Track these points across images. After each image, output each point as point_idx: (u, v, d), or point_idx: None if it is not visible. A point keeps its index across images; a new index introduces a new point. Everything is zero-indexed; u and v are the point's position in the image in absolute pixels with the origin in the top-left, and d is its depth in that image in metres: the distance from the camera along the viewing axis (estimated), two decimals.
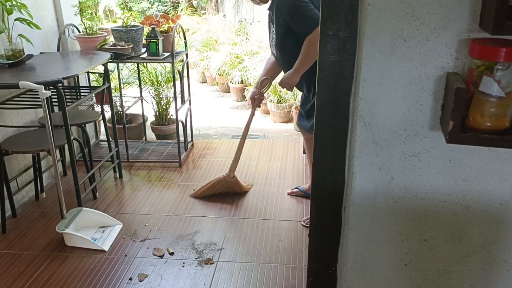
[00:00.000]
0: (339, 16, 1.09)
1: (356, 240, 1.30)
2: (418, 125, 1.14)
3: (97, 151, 3.62)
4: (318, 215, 1.32)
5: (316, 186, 1.29)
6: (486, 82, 0.98)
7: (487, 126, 1.00)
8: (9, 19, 2.62)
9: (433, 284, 1.32)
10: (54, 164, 2.40)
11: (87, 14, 3.42)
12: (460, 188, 1.19)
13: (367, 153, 1.19)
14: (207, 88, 6.12)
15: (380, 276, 1.33)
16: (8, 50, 2.63)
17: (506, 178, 1.15)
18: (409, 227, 1.26)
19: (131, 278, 2.20)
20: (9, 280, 2.18)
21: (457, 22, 1.03)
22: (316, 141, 1.23)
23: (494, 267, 1.26)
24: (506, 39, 0.97)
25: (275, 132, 4.14)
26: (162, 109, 4.05)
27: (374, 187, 1.23)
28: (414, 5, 1.04)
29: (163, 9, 8.14)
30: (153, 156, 3.57)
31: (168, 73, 4.18)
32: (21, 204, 2.86)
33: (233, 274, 2.23)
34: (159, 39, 3.17)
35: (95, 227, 2.58)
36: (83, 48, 3.28)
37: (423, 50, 1.07)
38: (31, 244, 2.47)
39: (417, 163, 1.18)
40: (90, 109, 3.37)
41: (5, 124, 2.69)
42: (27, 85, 2.19)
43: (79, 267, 2.27)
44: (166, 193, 3.03)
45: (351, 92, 1.16)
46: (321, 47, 1.13)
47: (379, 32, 1.07)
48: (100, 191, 3.04)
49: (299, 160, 3.49)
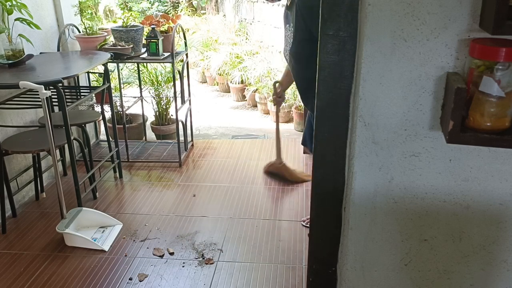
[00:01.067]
0: (339, 16, 1.09)
1: (356, 240, 1.30)
2: (418, 125, 1.14)
3: (97, 151, 3.62)
4: (318, 215, 1.32)
5: (316, 186, 1.29)
6: (486, 82, 0.98)
7: (487, 126, 1.00)
8: (9, 19, 2.62)
9: (433, 284, 1.32)
10: (54, 164, 2.40)
11: (87, 14, 3.42)
12: (460, 188, 1.19)
13: (367, 153, 1.19)
14: (207, 88, 6.12)
15: (380, 276, 1.33)
16: (8, 50, 2.63)
17: (506, 178, 1.15)
18: (409, 227, 1.26)
19: (131, 278, 2.20)
20: (9, 280, 2.18)
21: (457, 22, 1.03)
22: (316, 141, 1.23)
23: (494, 267, 1.26)
24: (506, 39, 0.97)
25: (275, 132, 4.13)
26: (162, 109, 4.05)
27: (374, 187, 1.23)
28: (414, 5, 1.04)
29: (163, 9, 8.13)
30: (153, 156, 3.57)
31: (168, 73, 4.18)
32: (21, 204, 2.86)
33: (233, 274, 2.23)
34: (159, 39, 3.17)
35: (95, 227, 2.58)
36: (83, 48, 3.28)
37: (423, 50, 1.07)
38: (31, 244, 2.47)
39: (417, 163, 1.18)
40: (90, 109, 3.38)
41: (5, 124, 2.69)
42: (27, 85, 2.19)
43: (79, 267, 2.27)
44: (166, 193, 3.03)
45: (351, 92, 1.16)
46: (321, 47, 1.13)
47: (379, 32, 1.07)
48: (100, 191, 3.04)
49: (299, 160, 3.49)
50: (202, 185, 3.08)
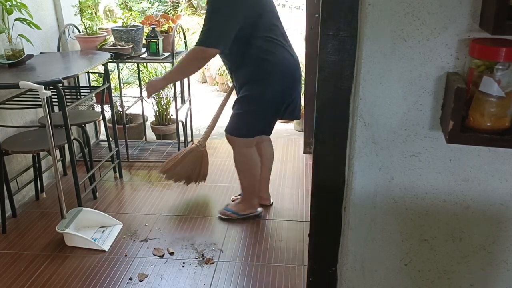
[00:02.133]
0: (339, 16, 1.10)
1: (356, 240, 1.30)
2: (418, 125, 1.14)
3: (97, 151, 3.62)
4: (318, 215, 1.32)
5: (316, 186, 1.29)
6: (486, 82, 0.98)
7: (487, 126, 1.00)
8: (9, 19, 2.62)
9: (433, 284, 1.32)
10: (54, 164, 2.40)
11: (87, 14, 3.42)
12: (460, 188, 1.19)
13: (367, 153, 1.19)
14: (207, 88, 6.12)
15: (380, 276, 1.33)
16: (8, 50, 2.63)
17: (506, 178, 1.15)
18: (409, 227, 1.26)
19: (131, 278, 2.20)
20: (9, 280, 2.18)
21: (457, 22, 1.03)
22: (316, 141, 1.23)
23: (494, 267, 1.26)
24: (506, 39, 0.97)
25: (275, 132, 4.09)
26: (162, 109, 4.05)
27: (374, 187, 1.23)
28: (414, 5, 1.04)
29: (163, 9, 8.13)
30: (153, 156, 3.57)
31: None
32: (21, 204, 2.86)
33: (233, 274, 2.23)
34: (159, 39, 3.17)
35: (95, 227, 2.58)
36: (83, 48, 3.28)
37: (423, 50, 1.07)
38: (31, 244, 2.47)
39: (417, 163, 1.18)
40: (90, 109, 3.38)
41: (5, 124, 2.69)
42: (27, 85, 2.19)
43: (79, 267, 2.27)
44: (166, 193, 3.03)
45: (351, 92, 1.16)
46: (321, 47, 1.13)
47: (379, 32, 1.07)
48: (100, 191, 3.04)
49: (299, 160, 3.49)
50: (202, 185, 3.08)
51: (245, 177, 2.60)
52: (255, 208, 2.67)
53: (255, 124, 2.44)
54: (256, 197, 2.67)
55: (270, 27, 2.29)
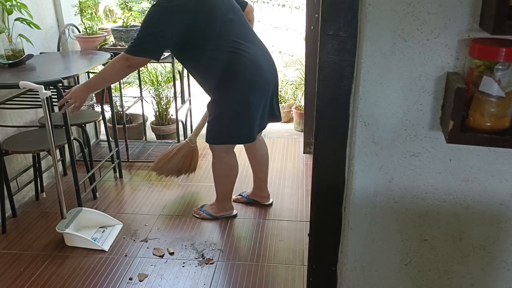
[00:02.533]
0: (339, 16, 1.09)
1: (356, 240, 1.30)
2: (418, 125, 1.14)
3: (97, 151, 3.62)
4: (318, 215, 1.32)
5: (316, 186, 1.29)
6: (486, 82, 0.98)
7: (487, 126, 1.00)
8: (9, 19, 2.62)
9: (433, 284, 1.32)
10: (54, 164, 2.40)
11: (87, 14, 3.43)
12: (460, 188, 1.19)
13: (367, 153, 1.19)
14: None
15: (380, 276, 1.33)
16: (8, 50, 2.63)
17: (506, 178, 1.15)
18: (409, 227, 1.26)
19: (131, 278, 2.20)
20: (9, 280, 2.18)
21: (457, 22, 1.03)
22: (316, 141, 1.23)
23: (494, 267, 1.26)
24: (506, 39, 0.97)
25: (275, 132, 4.13)
26: (162, 109, 4.05)
27: (374, 187, 1.23)
28: (414, 5, 1.04)
29: None
30: (153, 156, 3.57)
31: (168, 73, 4.18)
32: (21, 204, 2.86)
33: (233, 274, 2.23)
34: None
35: (95, 227, 2.58)
36: (83, 48, 3.28)
37: (423, 50, 1.07)
38: (31, 244, 2.47)
39: (417, 163, 1.18)
40: (90, 109, 3.38)
41: (5, 124, 2.69)
42: (27, 85, 2.19)
43: (79, 267, 2.27)
44: (166, 193, 3.03)
45: (351, 92, 1.16)
46: (321, 47, 1.13)
47: (379, 32, 1.07)
48: (100, 191, 3.04)
49: (299, 160, 3.49)
50: (202, 185, 3.09)
51: (221, 182, 2.62)
52: (229, 211, 2.70)
53: (228, 130, 2.40)
54: (230, 200, 2.72)
55: (222, 34, 2.24)
